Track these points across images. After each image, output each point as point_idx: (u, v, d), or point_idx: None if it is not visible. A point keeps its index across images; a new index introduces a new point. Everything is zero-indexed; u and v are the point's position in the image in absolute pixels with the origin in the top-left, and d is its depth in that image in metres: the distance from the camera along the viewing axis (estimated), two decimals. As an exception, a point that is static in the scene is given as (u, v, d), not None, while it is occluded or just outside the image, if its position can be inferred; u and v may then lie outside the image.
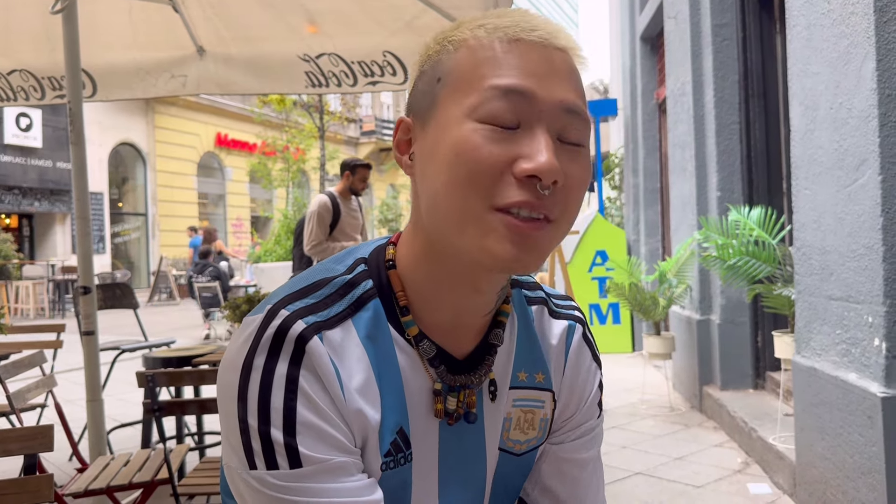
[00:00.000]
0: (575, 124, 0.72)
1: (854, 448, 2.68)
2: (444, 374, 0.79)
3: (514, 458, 0.88)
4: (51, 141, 18.19)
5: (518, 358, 0.86)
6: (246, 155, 24.03)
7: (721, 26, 5.01)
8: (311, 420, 0.71)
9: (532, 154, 0.68)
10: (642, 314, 5.40)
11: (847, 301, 2.78)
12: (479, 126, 0.69)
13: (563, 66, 0.73)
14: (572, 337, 0.92)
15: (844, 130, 2.75)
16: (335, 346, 0.74)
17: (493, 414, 0.84)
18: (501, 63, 0.71)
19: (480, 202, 0.69)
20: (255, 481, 0.71)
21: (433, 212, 0.74)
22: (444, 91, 0.73)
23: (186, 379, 3.14)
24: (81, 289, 3.11)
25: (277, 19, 3.50)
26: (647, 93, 7.84)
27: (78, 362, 3.38)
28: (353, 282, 0.79)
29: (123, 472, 2.65)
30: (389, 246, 0.83)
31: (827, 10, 2.87)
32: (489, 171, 0.68)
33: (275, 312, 0.74)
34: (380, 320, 0.78)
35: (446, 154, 0.70)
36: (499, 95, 0.69)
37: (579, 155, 0.73)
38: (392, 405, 0.77)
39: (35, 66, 3.83)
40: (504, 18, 0.74)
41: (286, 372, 0.71)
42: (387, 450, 0.77)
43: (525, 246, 0.69)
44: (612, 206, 10.62)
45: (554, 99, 0.70)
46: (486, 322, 0.83)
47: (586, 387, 0.93)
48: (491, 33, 0.73)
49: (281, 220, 16.06)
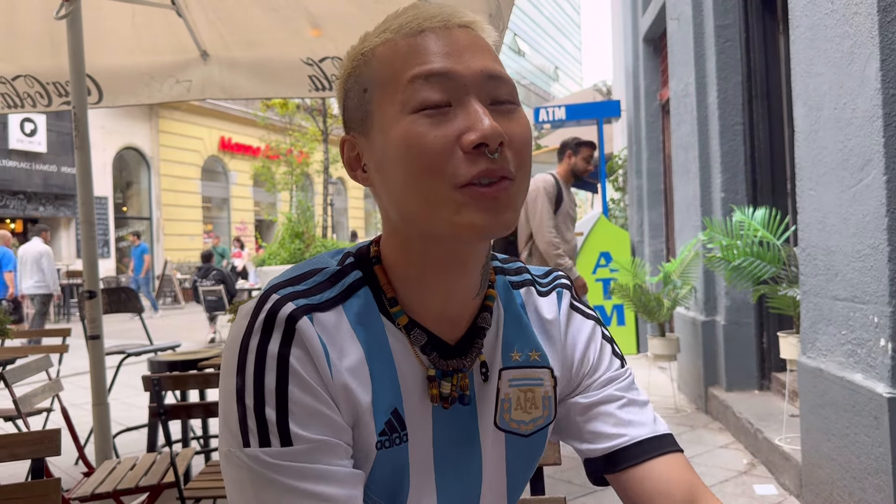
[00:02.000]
0: (500, 87, 0.76)
1: (860, 449, 2.68)
2: (436, 360, 0.82)
3: (523, 440, 0.90)
4: (55, 146, 18.23)
5: (507, 338, 0.89)
6: (250, 159, 24.06)
7: (724, 27, 5.01)
8: (301, 398, 0.73)
9: (473, 125, 0.72)
10: (647, 316, 5.40)
11: (852, 301, 2.77)
12: (415, 116, 0.73)
13: (471, 40, 0.77)
14: (561, 306, 0.95)
15: (849, 131, 2.75)
16: (327, 328, 0.77)
17: (485, 395, 0.87)
18: (415, 54, 0.75)
19: (443, 184, 0.72)
20: (248, 458, 0.73)
21: (400, 208, 0.77)
22: (374, 98, 0.78)
23: (192, 382, 3.14)
24: (87, 293, 3.12)
25: (281, 23, 3.51)
26: (650, 94, 7.84)
27: (84, 366, 3.40)
28: (342, 271, 0.83)
29: (130, 476, 2.66)
30: (373, 245, 0.86)
31: (830, 10, 2.87)
32: (441, 153, 0.72)
33: (267, 297, 0.77)
34: (370, 307, 0.81)
35: (396, 152, 0.74)
36: (423, 83, 0.74)
37: (514, 113, 0.77)
38: (386, 387, 0.79)
39: (39, 71, 3.84)
40: (402, 17, 0.79)
41: (277, 352, 0.74)
42: (381, 429, 0.79)
43: (497, 208, 0.73)
44: (616, 207, 10.62)
45: (474, 71, 0.75)
46: (476, 306, 0.85)
47: (590, 344, 0.94)
48: (396, 33, 0.78)
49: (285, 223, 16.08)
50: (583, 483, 3.60)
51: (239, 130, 23.86)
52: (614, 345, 0.97)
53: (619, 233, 7.90)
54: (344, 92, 0.83)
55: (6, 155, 17.25)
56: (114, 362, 4.66)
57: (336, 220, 27.32)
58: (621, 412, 0.90)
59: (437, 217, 0.74)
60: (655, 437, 0.89)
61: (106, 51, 3.74)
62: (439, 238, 0.76)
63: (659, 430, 0.90)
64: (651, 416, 0.92)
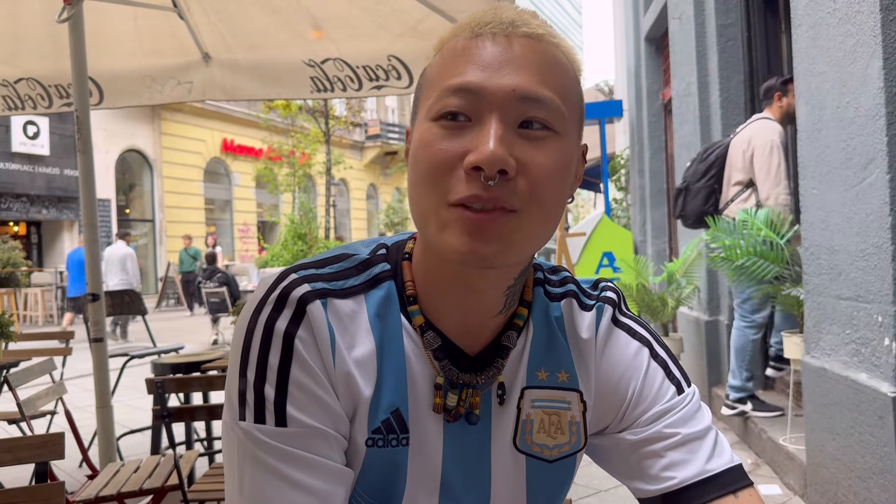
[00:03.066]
0: (534, 109, 0.70)
1: (865, 448, 2.67)
2: (447, 367, 0.79)
3: (547, 465, 0.85)
4: (58, 148, 18.28)
5: (535, 356, 0.84)
6: (252, 160, 24.10)
7: (726, 26, 5.00)
8: (302, 381, 0.73)
9: (478, 145, 0.68)
10: (650, 315, 5.39)
11: (856, 301, 2.77)
12: (433, 124, 0.71)
13: (525, 52, 0.72)
14: (600, 323, 0.87)
15: (852, 129, 2.74)
16: (341, 315, 0.76)
17: (502, 416, 0.82)
18: (459, 60, 0.72)
19: (437, 198, 0.70)
20: (241, 432, 0.73)
21: (410, 210, 0.76)
22: (422, 95, 0.76)
23: (195, 385, 3.14)
24: (90, 296, 3.12)
25: (282, 25, 3.51)
26: (653, 93, 7.83)
27: (87, 369, 3.40)
28: (371, 261, 0.82)
29: (133, 479, 2.66)
30: (410, 241, 0.85)
31: (832, 8, 2.86)
32: (442, 167, 0.70)
33: (286, 275, 0.77)
34: (391, 301, 0.80)
35: (413, 154, 0.74)
36: (449, 94, 0.71)
37: (544, 141, 0.71)
38: (391, 385, 0.77)
39: (42, 74, 3.85)
40: (476, 16, 0.75)
41: (284, 330, 0.73)
42: (376, 427, 0.77)
43: (482, 237, 0.69)
44: (619, 207, 10.60)
45: (505, 89, 0.70)
46: (500, 322, 0.82)
47: (633, 371, 0.85)
48: (461, 31, 0.75)
49: (287, 225, 16.09)
50: (586, 483, 3.59)
51: (241, 132, 23.90)
52: (670, 366, 0.86)
53: (622, 232, 7.90)
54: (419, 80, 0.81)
55: (9, 158, 17.29)
56: (117, 365, 4.66)
57: (338, 221, 27.35)
58: (673, 452, 0.81)
59: (428, 229, 0.73)
60: (708, 477, 0.80)
61: (108, 53, 3.75)
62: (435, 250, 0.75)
63: (710, 470, 0.80)
64: (707, 451, 0.81)
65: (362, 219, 30.61)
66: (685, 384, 0.86)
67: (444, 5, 3.13)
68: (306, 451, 0.72)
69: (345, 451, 0.77)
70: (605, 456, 0.89)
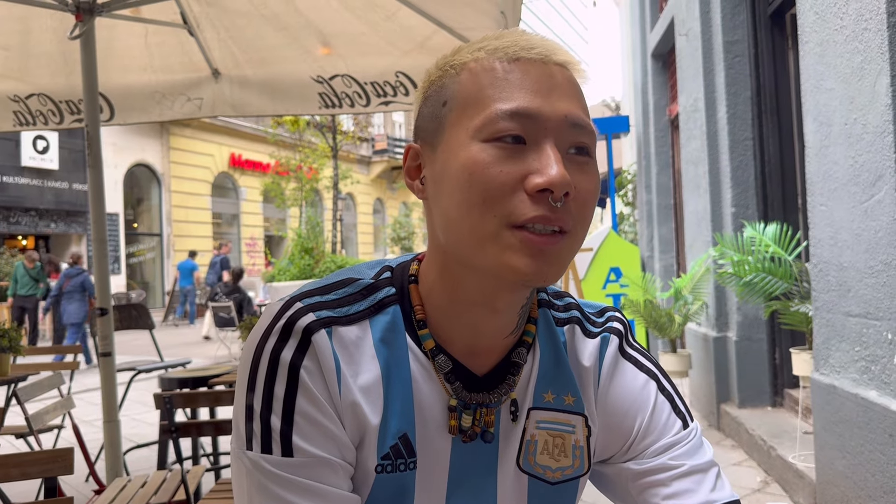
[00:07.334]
0: (580, 137, 0.73)
1: (875, 466, 2.65)
2: (459, 390, 0.79)
3: (549, 487, 0.85)
4: (67, 163, 18.38)
5: (542, 378, 0.84)
6: (260, 175, 24.18)
7: (732, 43, 5.02)
8: (308, 411, 0.73)
9: (542, 168, 0.69)
10: (658, 331, 5.37)
11: (866, 318, 2.75)
12: (486, 146, 0.71)
13: (565, 81, 0.74)
14: (605, 353, 0.89)
15: (860, 146, 2.74)
16: (346, 343, 0.76)
17: (511, 434, 0.83)
18: (504, 83, 0.73)
19: (496, 220, 0.70)
20: (249, 462, 0.73)
21: (449, 232, 0.75)
22: (450, 115, 0.75)
23: (202, 400, 3.14)
24: (98, 310, 3.13)
25: (291, 41, 3.54)
26: (660, 109, 7.84)
27: (94, 383, 3.40)
28: (376, 285, 0.81)
29: (140, 494, 2.65)
30: (414, 262, 0.85)
31: (840, 26, 2.87)
32: (502, 189, 0.70)
33: (291, 303, 0.77)
34: (397, 326, 0.80)
35: (458, 175, 0.72)
36: (506, 117, 0.71)
37: (587, 166, 0.74)
38: (397, 411, 0.77)
39: (53, 90, 3.88)
40: (502, 39, 0.76)
41: (290, 360, 0.73)
42: (385, 452, 0.77)
43: (544, 259, 0.70)
44: (626, 222, 10.60)
45: (559, 114, 0.72)
46: (510, 343, 0.82)
47: (640, 405, 0.87)
48: (491, 54, 0.75)
49: (294, 239, 16.11)
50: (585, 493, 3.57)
51: (249, 147, 24.00)
52: (676, 401, 0.88)
53: (630, 248, 7.87)
54: (423, 98, 0.80)
55: (19, 172, 17.39)
56: (124, 379, 4.67)
57: (345, 235, 27.39)
58: (678, 482, 0.83)
59: (483, 251, 0.72)
60: None
61: (119, 70, 3.78)
62: (481, 271, 0.74)
63: (715, 500, 0.82)
64: (711, 483, 0.84)
65: (369, 233, 30.64)
66: (689, 419, 0.88)
67: (452, 22, 3.16)
68: (313, 481, 0.72)
69: (353, 478, 0.77)
70: (608, 483, 0.90)
